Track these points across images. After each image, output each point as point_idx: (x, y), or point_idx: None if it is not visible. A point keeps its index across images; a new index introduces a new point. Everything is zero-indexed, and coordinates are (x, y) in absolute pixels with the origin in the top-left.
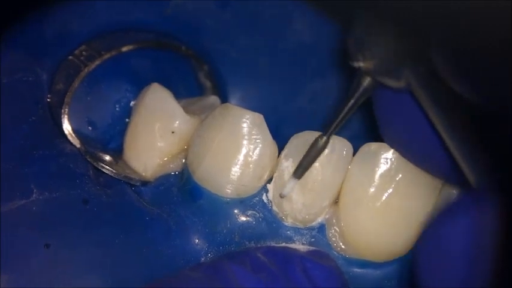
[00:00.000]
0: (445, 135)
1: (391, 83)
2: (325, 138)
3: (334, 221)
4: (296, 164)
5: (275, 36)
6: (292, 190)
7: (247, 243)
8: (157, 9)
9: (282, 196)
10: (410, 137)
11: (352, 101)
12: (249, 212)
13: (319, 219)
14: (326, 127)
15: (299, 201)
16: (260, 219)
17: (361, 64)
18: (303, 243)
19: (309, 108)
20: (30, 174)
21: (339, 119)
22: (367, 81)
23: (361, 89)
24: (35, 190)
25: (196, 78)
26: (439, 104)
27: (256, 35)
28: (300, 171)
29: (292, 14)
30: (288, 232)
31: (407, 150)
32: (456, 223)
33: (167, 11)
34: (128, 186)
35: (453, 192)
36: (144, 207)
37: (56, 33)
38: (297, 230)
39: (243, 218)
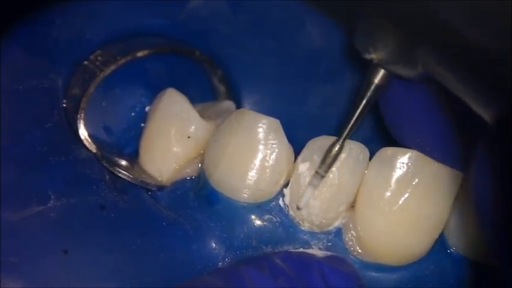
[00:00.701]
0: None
1: (407, 71)
2: (339, 143)
3: (350, 225)
4: (313, 168)
5: (287, 40)
6: (309, 200)
7: (264, 247)
8: (172, 15)
9: (299, 208)
10: (424, 131)
11: (364, 101)
12: (266, 217)
13: (336, 224)
14: (340, 131)
15: (315, 206)
16: (277, 223)
17: (373, 56)
18: (320, 248)
19: (322, 112)
20: (47, 180)
21: (352, 122)
22: (378, 77)
23: (372, 87)
24: (52, 196)
25: (210, 82)
26: (460, 69)
27: (268, 39)
28: (317, 179)
29: (303, 18)
30: (305, 237)
31: (425, 146)
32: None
33: (181, 16)
34: (144, 191)
35: (469, 195)
36: (161, 212)
37: (70, 39)
38: (313, 234)
39: (260, 223)
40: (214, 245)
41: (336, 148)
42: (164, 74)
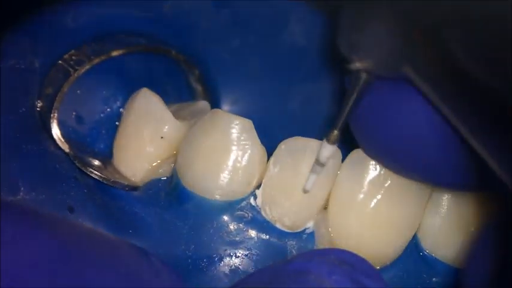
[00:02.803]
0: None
1: (391, 75)
2: (336, 132)
3: (323, 227)
4: (284, 170)
5: (270, 39)
6: (314, 184)
7: (235, 245)
8: (154, 9)
9: (306, 191)
10: (399, 142)
11: (354, 95)
12: (237, 213)
13: (308, 225)
14: (334, 121)
15: (287, 207)
16: (249, 219)
17: (357, 65)
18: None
19: (301, 112)
20: (19, 169)
21: (345, 114)
22: (365, 75)
23: (361, 82)
24: (22, 188)
25: (187, 82)
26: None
27: (250, 37)
28: (319, 167)
29: (287, 17)
30: (277, 236)
31: (394, 158)
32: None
33: (163, 10)
34: (115, 191)
35: (443, 198)
36: (130, 212)
37: (47, 36)
38: (285, 234)
39: (231, 221)
40: (181, 244)
41: (333, 138)
42: (140, 72)
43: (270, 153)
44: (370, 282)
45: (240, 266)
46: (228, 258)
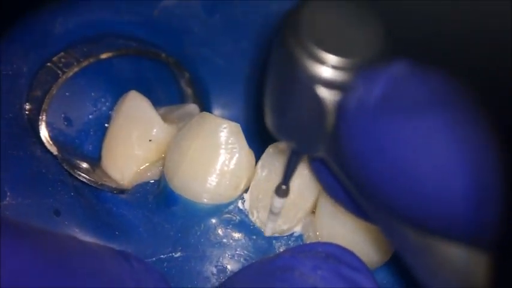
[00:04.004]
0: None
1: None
2: (283, 187)
3: (311, 230)
4: (272, 173)
5: (261, 44)
6: (272, 230)
7: (222, 246)
8: (145, 12)
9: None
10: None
11: (293, 162)
12: (225, 217)
13: (296, 229)
14: (282, 178)
15: None
16: (236, 224)
17: (283, 144)
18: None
19: None
20: (5, 175)
21: (289, 173)
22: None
23: (295, 156)
24: (8, 193)
25: (178, 85)
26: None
27: (242, 42)
28: (273, 216)
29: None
30: (264, 238)
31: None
32: None
33: (154, 13)
34: (102, 193)
35: None
36: (117, 215)
37: (36, 42)
38: (273, 237)
39: (219, 223)
40: (168, 246)
41: (282, 191)
42: (129, 75)
43: (258, 156)
44: (356, 276)
45: (227, 266)
46: (215, 259)
